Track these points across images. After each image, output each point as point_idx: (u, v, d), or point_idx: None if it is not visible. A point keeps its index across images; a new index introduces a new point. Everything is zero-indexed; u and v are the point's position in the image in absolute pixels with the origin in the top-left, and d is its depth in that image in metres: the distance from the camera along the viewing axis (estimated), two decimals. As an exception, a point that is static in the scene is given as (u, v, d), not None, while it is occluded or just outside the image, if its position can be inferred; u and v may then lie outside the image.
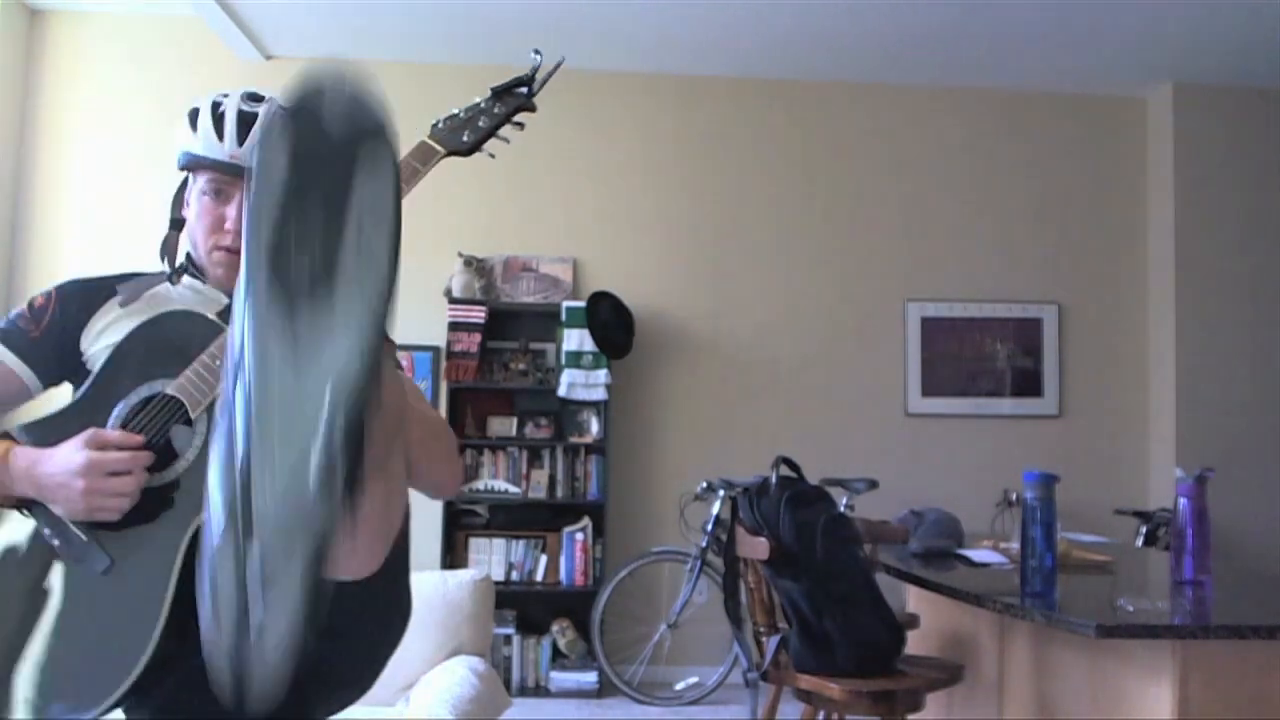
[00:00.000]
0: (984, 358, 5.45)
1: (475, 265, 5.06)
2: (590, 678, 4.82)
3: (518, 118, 1.50)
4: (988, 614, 2.95)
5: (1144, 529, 4.98)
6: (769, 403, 5.32)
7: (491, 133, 1.46)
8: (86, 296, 1.46)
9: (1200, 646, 2.24)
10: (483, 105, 1.47)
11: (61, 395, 1.44)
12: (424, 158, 1.42)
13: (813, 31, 4.87)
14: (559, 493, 5.02)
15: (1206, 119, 5.39)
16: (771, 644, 2.93)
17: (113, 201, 5.01)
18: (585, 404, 5.06)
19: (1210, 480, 2.73)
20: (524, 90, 1.50)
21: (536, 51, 1.51)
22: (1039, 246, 5.51)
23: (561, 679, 4.84)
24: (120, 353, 1.35)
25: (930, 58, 5.16)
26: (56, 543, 1.26)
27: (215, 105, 1.46)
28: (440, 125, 1.45)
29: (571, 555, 4.94)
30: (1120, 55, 5.07)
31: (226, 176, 1.44)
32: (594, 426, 5.07)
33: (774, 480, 2.88)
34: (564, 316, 4.98)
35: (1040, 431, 5.43)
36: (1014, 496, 4.86)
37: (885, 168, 5.47)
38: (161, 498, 1.28)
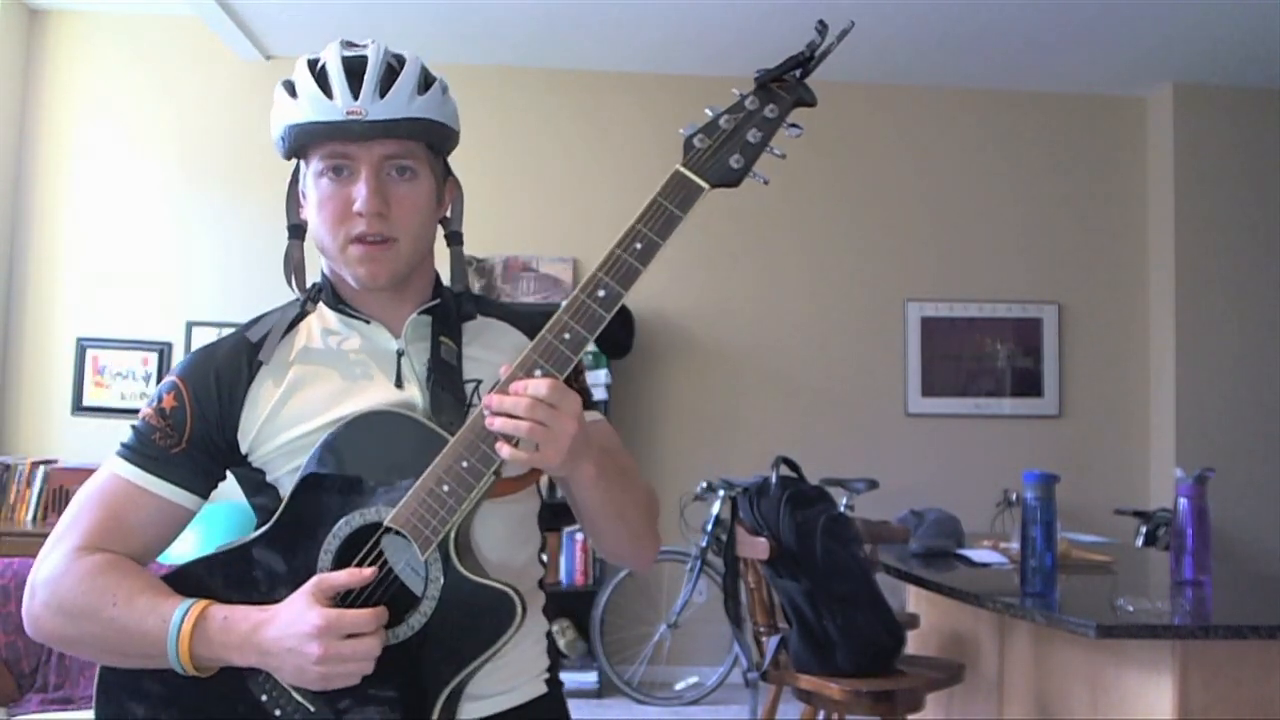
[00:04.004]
0: (984, 358, 5.45)
1: (475, 265, 5.06)
2: (590, 678, 4.82)
3: (793, 118, 1.15)
4: (988, 614, 2.95)
5: (1144, 529, 4.98)
6: (769, 403, 5.31)
7: (765, 146, 1.14)
8: (223, 376, 1.16)
9: (1200, 646, 2.24)
10: (749, 106, 1.15)
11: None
12: (684, 198, 1.13)
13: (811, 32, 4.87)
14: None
15: (1206, 119, 5.38)
16: (771, 644, 2.93)
17: (113, 202, 4.99)
18: (585, 404, 5.06)
19: (1210, 480, 2.73)
20: (797, 73, 1.17)
21: (820, 25, 1.16)
22: (1039, 246, 5.51)
23: (561, 679, 4.83)
24: (313, 474, 1.11)
25: (930, 58, 5.16)
26: (278, 713, 1.08)
27: (313, 63, 1.17)
28: (697, 144, 1.15)
29: (571, 555, 4.93)
30: (1120, 55, 5.07)
31: (346, 145, 1.13)
32: (594, 426, 5.06)
33: (774, 480, 2.88)
34: (564, 317, 4.97)
35: (1040, 431, 5.43)
36: (1014, 496, 4.87)
37: (885, 168, 5.47)
38: (399, 657, 1.07)
